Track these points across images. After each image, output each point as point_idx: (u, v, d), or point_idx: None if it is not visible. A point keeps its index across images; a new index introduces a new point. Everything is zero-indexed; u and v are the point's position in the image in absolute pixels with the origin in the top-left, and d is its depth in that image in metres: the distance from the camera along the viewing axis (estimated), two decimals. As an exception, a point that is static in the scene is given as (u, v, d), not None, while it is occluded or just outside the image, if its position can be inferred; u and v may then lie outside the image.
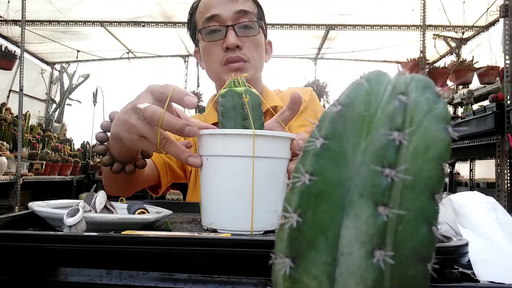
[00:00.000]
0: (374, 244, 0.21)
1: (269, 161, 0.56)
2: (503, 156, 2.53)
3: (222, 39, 0.95)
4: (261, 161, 0.55)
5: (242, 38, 0.95)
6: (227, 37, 0.94)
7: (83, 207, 0.51)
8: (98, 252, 0.38)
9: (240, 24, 0.95)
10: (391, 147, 0.21)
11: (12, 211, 3.28)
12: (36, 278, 0.38)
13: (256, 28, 0.97)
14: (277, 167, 0.57)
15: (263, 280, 0.36)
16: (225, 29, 0.94)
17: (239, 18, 0.95)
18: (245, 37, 0.95)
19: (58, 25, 4.30)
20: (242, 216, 0.55)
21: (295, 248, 0.23)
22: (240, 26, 0.95)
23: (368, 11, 3.93)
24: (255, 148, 0.54)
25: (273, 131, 0.61)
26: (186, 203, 0.85)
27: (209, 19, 0.96)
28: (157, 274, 0.37)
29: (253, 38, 0.97)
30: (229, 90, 0.62)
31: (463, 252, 0.39)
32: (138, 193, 4.52)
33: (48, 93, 5.49)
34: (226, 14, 0.94)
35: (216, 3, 0.96)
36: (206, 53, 1.00)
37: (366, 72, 0.25)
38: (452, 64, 3.79)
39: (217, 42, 0.96)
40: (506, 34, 2.49)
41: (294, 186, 0.23)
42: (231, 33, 0.94)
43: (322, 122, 0.24)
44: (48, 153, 3.90)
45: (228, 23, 0.95)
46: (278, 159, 0.57)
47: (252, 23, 0.96)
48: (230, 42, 0.93)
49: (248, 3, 0.97)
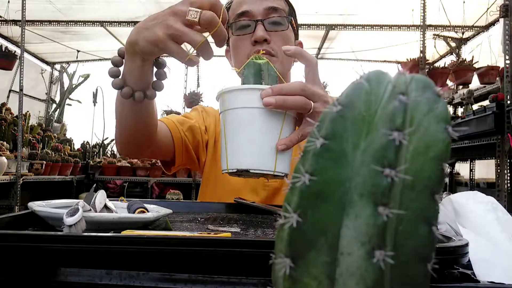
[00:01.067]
0: (374, 244, 0.21)
1: (263, 110, 0.64)
2: (503, 156, 2.53)
3: (251, 33, 0.97)
4: (258, 111, 0.63)
5: (271, 32, 0.97)
6: (255, 30, 0.96)
7: (83, 207, 0.51)
8: (98, 252, 0.38)
9: (269, 20, 0.97)
10: (391, 147, 0.21)
11: (12, 211, 3.28)
12: (36, 278, 0.38)
13: (285, 24, 0.99)
14: (274, 117, 0.64)
15: (263, 280, 0.36)
16: (254, 24, 0.97)
17: (268, 14, 0.98)
18: (273, 31, 0.97)
19: (58, 25, 4.30)
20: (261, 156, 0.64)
21: (295, 248, 0.23)
22: (269, 22, 0.97)
23: (368, 11, 3.93)
24: (255, 100, 0.63)
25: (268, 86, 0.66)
26: (186, 202, 0.85)
27: (240, 15, 0.99)
28: (157, 274, 0.37)
29: (281, 33, 0.98)
30: (251, 61, 0.70)
31: (463, 252, 0.39)
32: (138, 193, 4.50)
33: (48, 93, 5.49)
34: (256, 10, 0.97)
35: (247, 0, 0.99)
36: (234, 47, 1.02)
37: (366, 72, 0.25)
38: (452, 64, 3.79)
39: (246, 36, 0.98)
40: (506, 34, 2.49)
41: (294, 186, 0.23)
42: (259, 27, 0.96)
43: (322, 122, 0.24)
44: (48, 153, 3.91)
45: (258, 18, 0.97)
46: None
47: (282, 19, 0.98)
48: (258, 35, 0.95)
49: (278, 1, 1.00)
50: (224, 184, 1.02)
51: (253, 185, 1.01)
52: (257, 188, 1.01)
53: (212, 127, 1.09)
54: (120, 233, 0.46)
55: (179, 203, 0.83)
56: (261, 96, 0.63)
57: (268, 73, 0.69)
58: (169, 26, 0.61)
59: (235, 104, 0.65)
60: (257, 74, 0.69)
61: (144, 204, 0.66)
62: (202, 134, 1.06)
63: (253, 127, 0.64)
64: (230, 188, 1.00)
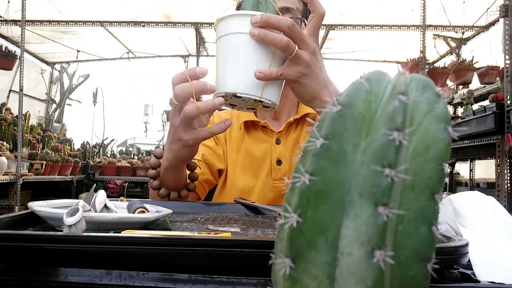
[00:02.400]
0: (374, 244, 0.21)
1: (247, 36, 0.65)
2: (503, 156, 2.53)
3: None
4: (247, 36, 0.65)
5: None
6: None
7: (83, 207, 0.51)
8: (98, 252, 0.38)
9: None
10: (391, 147, 0.21)
11: (12, 211, 3.28)
12: (36, 278, 0.38)
13: (298, 24, 0.98)
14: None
15: (263, 280, 0.36)
16: None
17: (282, 15, 0.97)
18: None
19: (58, 25, 4.30)
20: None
21: (295, 248, 0.23)
22: None
23: (368, 11, 3.93)
24: (245, 25, 0.65)
25: (248, 11, 0.68)
26: (186, 202, 0.85)
27: None
28: (157, 274, 0.37)
29: None
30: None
31: (463, 252, 0.39)
32: (138, 193, 4.51)
33: (48, 93, 5.49)
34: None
35: None
36: None
37: (366, 72, 0.25)
38: (452, 64, 3.79)
39: None
40: (506, 34, 2.50)
41: (294, 186, 0.23)
42: None
43: (322, 122, 0.24)
44: (48, 153, 3.91)
45: None
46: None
47: (295, 20, 0.97)
48: None
49: (292, 0, 0.99)
50: (233, 187, 1.02)
51: (262, 188, 1.01)
52: (265, 190, 1.01)
53: (221, 134, 1.09)
54: (120, 233, 0.46)
55: (179, 203, 0.83)
56: (251, 22, 0.64)
57: (266, 6, 0.70)
58: (181, 139, 0.72)
59: (227, 30, 0.67)
60: (255, 5, 0.70)
61: (144, 204, 0.66)
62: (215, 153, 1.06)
63: (241, 52, 0.66)
64: (239, 190, 1.01)
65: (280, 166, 1.01)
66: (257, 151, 1.03)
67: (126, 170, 4.67)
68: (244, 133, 1.06)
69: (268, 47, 0.66)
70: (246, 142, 1.05)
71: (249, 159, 1.04)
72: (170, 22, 4.40)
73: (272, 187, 1.00)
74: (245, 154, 1.04)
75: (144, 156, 5.20)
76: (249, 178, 1.02)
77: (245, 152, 1.05)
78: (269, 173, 1.01)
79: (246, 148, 1.05)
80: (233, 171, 1.04)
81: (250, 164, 1.03)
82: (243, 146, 1.05)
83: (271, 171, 1.01)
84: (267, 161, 1.02)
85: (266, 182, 1.01)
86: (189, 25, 4.45)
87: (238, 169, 1.04)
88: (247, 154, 1.04)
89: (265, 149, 1.03)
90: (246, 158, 1.04)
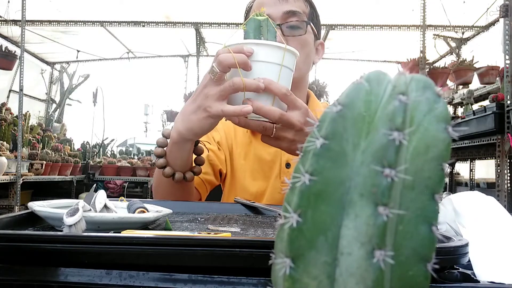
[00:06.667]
0: (374, 244, 0.21)
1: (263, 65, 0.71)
2: (503, 156, 2.53)
3: None
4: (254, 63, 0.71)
5: (288, 37, 0.96)
6: None
7: (83, 207, 0.51)
8: (98, 252, 0.38)
9: (287, 24, 0.97)
10: (391, 147, 0.21)
11: (12, 211, 3.28)
12: (36, 278, 0.38)
13: (303, 28, 0.98)
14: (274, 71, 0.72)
15: (263, 280, 0.36)
16: None
17: (287, 18, 0.97)
18: (290, 36, 0.97)
19: (58, 25, 4.30)
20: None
21: (295, 248, 0.23)
22: (287, 26, 0.97)
23: (368, 11, 3.93)
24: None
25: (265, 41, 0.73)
26: (186, 202, 0.85)
27: None
28: (157, 274, 0.37)
29: (298, 37, 0.98)
30: (252, 18, 0.76)
31: (463, 252, 0.39)
32: (138, 193, 4.50)
33: (48, 93, 5.49)
34: (275, 14, 0.97)
35: (267, 3, 0.98)
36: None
37: (366, 72, 0.25)
38: (452, 64, 3.79)
39: None
40: (506, 34, 2.49)
41: (294, 186, 0.23)
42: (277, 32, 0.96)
43: (322, 122, 0.24)
44: (48, 153, 3.91)
45: (276, 22, 0.96)
46: (271, 63, 0.72)
47: (300, 23, 0.98)
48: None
49: (298, 3, 0.99)
50: (245, 192, 1.03)
51: (271, 190, 1.02)
52: (274, 192, 1.02)
53: (223, 140, 1.08)
54: (120, 233, 0.46)
55: (179, 203, 0.83)
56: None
57: (267, 29, 0.75)
58: (209, 108, 0.72)
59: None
60: (257, 30, 0.75)
61: (144, 204, 0.66)
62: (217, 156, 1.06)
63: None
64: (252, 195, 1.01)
65: (289, 169, 1.01)
66: (266, 154, 1.04)
67: (126, 170, 4.67)
68: (251, 137, 1.07)
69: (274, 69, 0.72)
70: (254, 146, 1.06)
71: (259, 163, 1.04)
72: (170, 22, 4.40)
73: (281, 189, 1.01)
74: (254, 158, 1.05)
75: (144, 156, 5.20)
76: (260, 182, 1.03)
77: (254, 156, 1.05)
78: (278, 176, 1.02)
79: (255, 152, 1.05)
80: (243, 176, 1.04)
81: (260, 168, 1.04)
82: (251, 150, 1.06)
83: (280, 173, 1.02)
84: (277, 164, 1.03)
85: (275, 184, 1.02)
86: (189, 25, 4.45)
87: (248, 174, 1.04)
88: (256, 158, 1.05)
89: (274, 152, 1.03)
90: (255, 162, 1.04)
